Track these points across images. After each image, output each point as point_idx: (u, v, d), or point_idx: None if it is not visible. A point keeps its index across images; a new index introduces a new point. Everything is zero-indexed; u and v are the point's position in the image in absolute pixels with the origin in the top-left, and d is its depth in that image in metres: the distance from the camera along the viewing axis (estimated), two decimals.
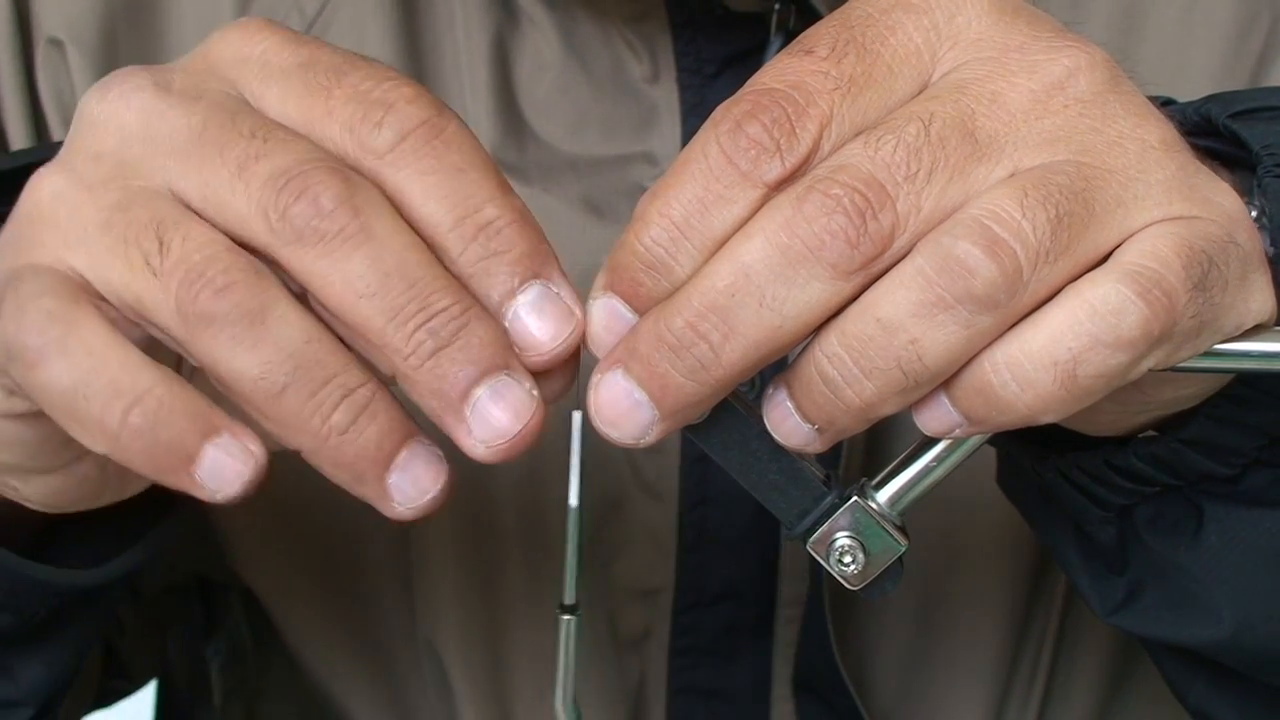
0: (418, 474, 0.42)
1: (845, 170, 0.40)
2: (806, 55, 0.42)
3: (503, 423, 0.42)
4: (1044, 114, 0.42)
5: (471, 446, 0.42)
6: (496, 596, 0.73)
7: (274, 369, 0.41)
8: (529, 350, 0.42)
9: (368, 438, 0.42)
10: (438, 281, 0.41)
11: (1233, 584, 0.53)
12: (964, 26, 0.43)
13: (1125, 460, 0.52)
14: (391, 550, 0.73)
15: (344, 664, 0.77)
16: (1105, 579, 0.57)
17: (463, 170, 0.42)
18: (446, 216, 0.41)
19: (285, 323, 0.41)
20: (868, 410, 0.42)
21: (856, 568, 0.46)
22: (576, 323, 0.43)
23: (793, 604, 0.72)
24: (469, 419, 0.42)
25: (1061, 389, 0.41)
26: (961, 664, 0.75)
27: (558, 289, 0.42)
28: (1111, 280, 0.41)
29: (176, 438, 0.41)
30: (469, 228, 0.41)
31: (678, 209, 0.41)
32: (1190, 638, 0.55)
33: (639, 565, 0.72)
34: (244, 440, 0.42)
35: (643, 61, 0.69)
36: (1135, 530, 0.55)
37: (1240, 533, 0.53)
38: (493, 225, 0.42)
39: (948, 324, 0.40)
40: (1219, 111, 0.49)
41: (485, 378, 0.41)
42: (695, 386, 0.42)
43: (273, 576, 0.76)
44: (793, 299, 0.40)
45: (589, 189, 0.69)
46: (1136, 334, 0.40)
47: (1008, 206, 0.40)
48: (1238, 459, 0.51)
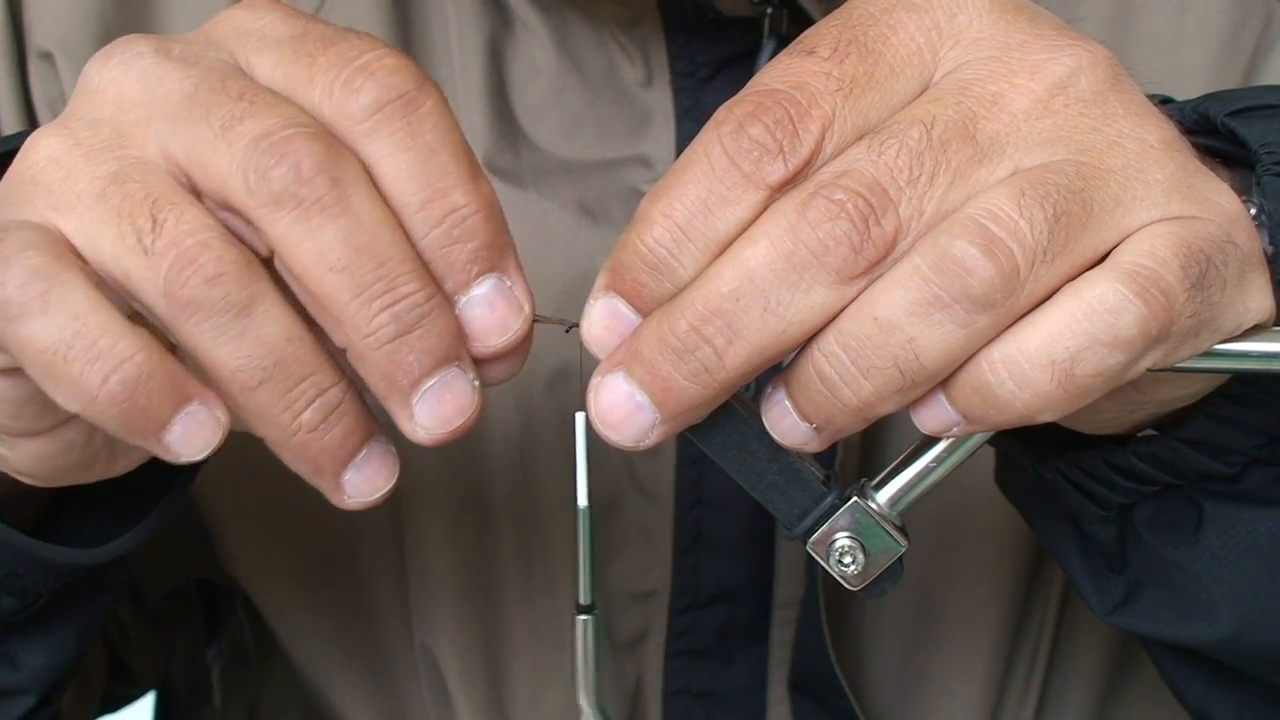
0: (372, 472, 0.43)
1: (849, 175, 0.40)
2: (809, 55, 0.42)
3: (447, 413, 0.42)
4: (1045, 114, 0.42)
5: (412, 431, 0.43)
6: (493, 602, 0.73)
7: (253, 363, 0.41)
8: (477, 341, 0.43)
9: (333, 436, 0.42)
10: (406, 264, 0.41)
11: (1232, 582, 0.54)
12: (965, 25, 0.43)
13: (1125, 460, 0.52)
14: (388, 556, 0.73)
15: (341, 670, 0.77)
16: (1105, 578, 0.57)
17: (435, 151, 0.42)
18: (415, 197, 0.41)
19: (269, 319, 0.41)
20: (865, 410, 0.42)
21: (856, 568, 0.46)
22: (525, 318, 0.43)
23: (788, 605, 0.73)
24: (414, 406, 0.42)
25: (1059, 388, 0.41)
26: (958, 665, 0.75)
27: (512, 283, 0.43)
28: (1109, 280, 0.41)
29: (153, 405, 0.41)
30: (435, 212, 0.41)
31: (681, 210, 0.41)
32: (1190, 636, 0.55)
33: (635, 567, 0.72)
34: (214, 409, 0.42)
35: (636, 65, 0.69)
36: (1135, 529, 0.55)
37: (1240, 531, 0.53)
38: (459, 212, 0.42)
39: (945, 323, 0.40)
40: (1217, 110, 0.49)
41: (437, 369, 0.42)
42: (698, 390, 0.42)
43: (269, 583, 0.76)
44: (796, 304, 0.41)
45: (583, 193, 0.69)
46: (1134, 333, 0.40)
47: (1005, 206, 0.40)
48: (1237, 458, 0.52)
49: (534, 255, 0.69)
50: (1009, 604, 0.74)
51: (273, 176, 0.40)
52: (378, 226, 0.41)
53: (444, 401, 0.42)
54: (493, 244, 0.42)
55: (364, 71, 0.41)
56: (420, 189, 0.41)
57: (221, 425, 0.42)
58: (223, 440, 0.43)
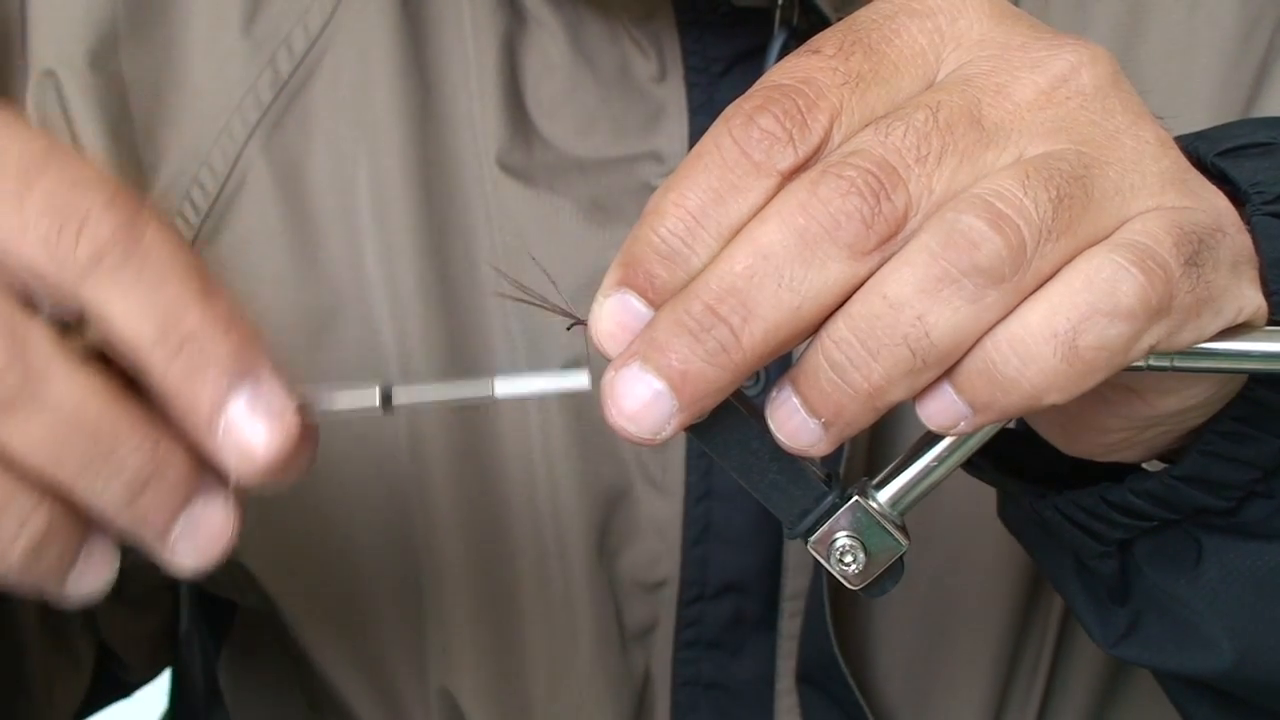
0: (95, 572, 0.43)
1: (858, 154, 0.41)
2: (814, 54, 0.43)
3: (203, 544, 0.42)
4: (1047, 105, 0.43)
5: (178, 566, 0.42)
6: (513, 648, 0.73)
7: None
8: (248, 458, 0.41)
9: (47, 560, 0.42)
10: (120, 430, 0.40)
11: (1233, 615, 0.53)
12: (966, 29, 0.44)
13: (1121, 497, 0.52)
14: (402, 593, 0.74)
15: (349, 701, 0.77)
16: (1107, 610, 0.57)
17: (163, 280, 0.40)
18: (147, 335, 0.40)
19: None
20: (876, 395, 0.41)
21: (857, 567, 0.46)
22: (289, 421, 0.42)
23: (796, 597, 0.73)
24: (171, 547, 0.42)
25: (1063, 362, 0.41)
26: (965, 660, 0.75)
27: (268, 391, 0.41)
28: (1105, 252, 0.41)
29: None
30: (171, 343, 0.40)
31: (693, 199, 0.41)
32: (1192, 668, 0.55)
33: (644, 558, 0.72)
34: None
35: (650, 60, 0.70)
36: (1135, 563, 0.55)
37: (1239, 564, 0.53)
38: (194, 336, 0.40)
39: (954, 299, 0.40)
40: (1206, 150, 0.49)
41: (182, 509, 0.42)
42: (716, 371, 0.41)
43: (284, 609, 0.76)
44: (811, 279, 0.41)
45: (596, 189, 0.70)
46: (1134, 302, 0.41)
47: (1010, 185, 0.41)
48: (1232, 493, 0.51)
49: (546, 253, 0.69)
50: (1015, 598, 0.74)
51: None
52: (81, 407, 0.40)
53: (198, 534, 0.42)
54: (238, 357, 0.41)
55: (78, 216, 0.40)
56: (154, 325, 0.40)
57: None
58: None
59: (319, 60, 0.71)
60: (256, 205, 0.71)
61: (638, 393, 0.42)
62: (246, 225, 0.71)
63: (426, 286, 0.70)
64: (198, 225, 0.71)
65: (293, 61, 0.71)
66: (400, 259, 0.70)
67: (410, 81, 0.71)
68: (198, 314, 0.40)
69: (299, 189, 0.71)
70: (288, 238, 0.71)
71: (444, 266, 0.70)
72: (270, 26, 0.71)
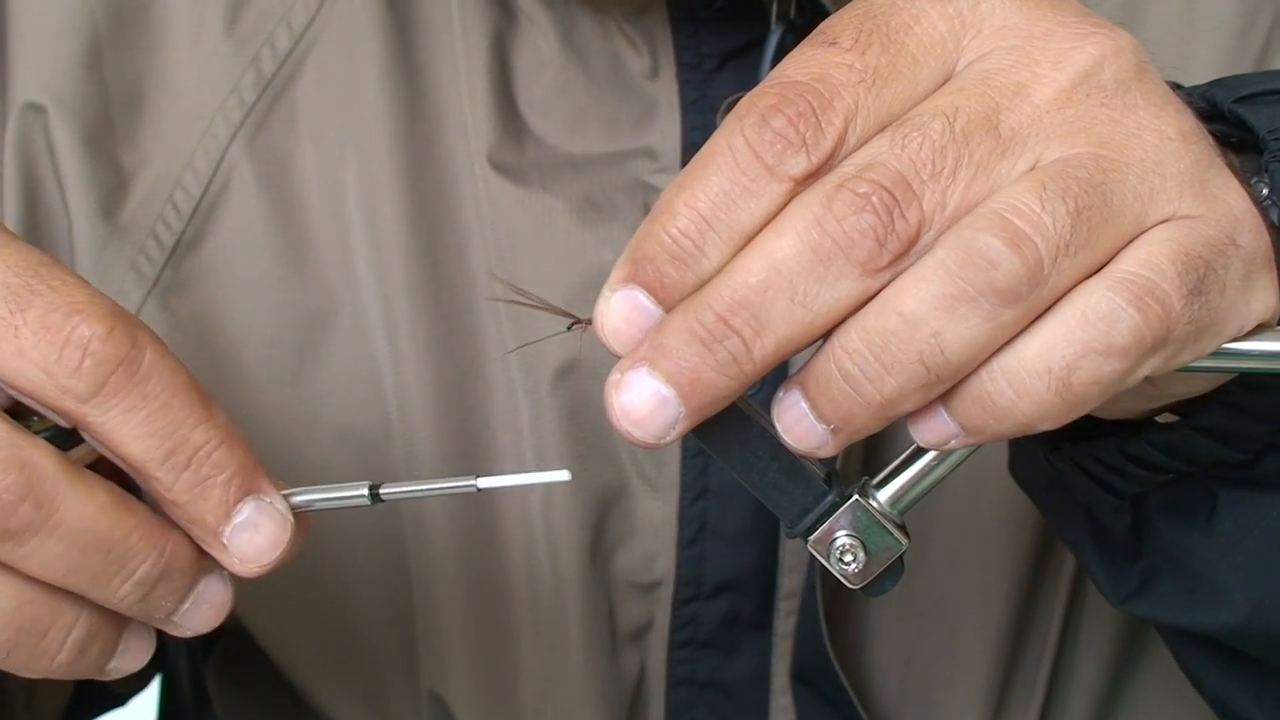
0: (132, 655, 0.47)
1: (873, 169, 0.40)
2: (830, 46, 0.42)
3: (209, 616, 0.46)
4: (1067, 104, 0.42)
5: (183, 634, 0.46)
6: (505, 650, 0.73)
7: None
8: (250, 562, 0.45)
9: (90, 657, 0.45)
10: (131, 540, 0.43)
11: (1246, 568, 0.54)
12: (988, 13, 0.43)
13: (1139, 448, 0.52)
14: (394, 600, 0.74)
15: (337, 706, 0.77)
16: (1119, 566, 0.57)
17: (167, 402, 0.43)
18: (156, 453, 0.43)
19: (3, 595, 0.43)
20: (887, 407, 0.42)
21: (857, 566, 0.46)
22: (290, 528, 0.45)
23: (792, 597, 0.73)
24: (181, 620, 0.46)
25: (1056, 396, 0.41)
26: (963, 658, 0.75)
27: (270, 500, 0.45)
28: (1103, 288, 0.41)
29: None
30: (180, 459, 0.43)
31: (705, 201, 0.41)
32: (1203, 623, 0.55)
33: (639, 558, 0.72)
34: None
35: (642, 57, 0.69)
36: (1149, 517, 0.55)
37: (1254, 517, 0.53)
38: (201, 452, 0.44)
39: (969, 317, 0.40)
40: (1224, 96, 0.49)
41: (188, 594, 0.46)
42: (725, 381, 0.41)
43: (271, 627, 0.76)
44: (823, 295, 0.40)
45: (588, 187, 0.69)
46: (1129, 341, 0.40)
47: (1028, 200, 0.40)
48: (1250, 444, 0.52)
49: (539, 251, 0.69)
50: (1014, 600, 0.74)
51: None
52: (92, 525, 0.43)
53: (202, 608, 0.46)
54: (241, 469, 0.44)
55: (78, 347, 0.42)
56: (160, 443, 0.43)
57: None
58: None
59: (304, 59, 0.70)
60: (242, 207, 0.70)
61: (644, 397, 0.42)
62: (232, 227, 0.70)
63: (417, 288, 0.70)
64: (181, 229, 0.70)
65: (276, 60, 0.70)
66: (390, 260, 0.70)
67: (399, 80, 0.70)
68: (202, 432, 0.43)
69: (286, 190, 0.70)
70: (275, 240, 0.70)
71: (435, 267, 0.70)
72: (253, 25, 0.70)
